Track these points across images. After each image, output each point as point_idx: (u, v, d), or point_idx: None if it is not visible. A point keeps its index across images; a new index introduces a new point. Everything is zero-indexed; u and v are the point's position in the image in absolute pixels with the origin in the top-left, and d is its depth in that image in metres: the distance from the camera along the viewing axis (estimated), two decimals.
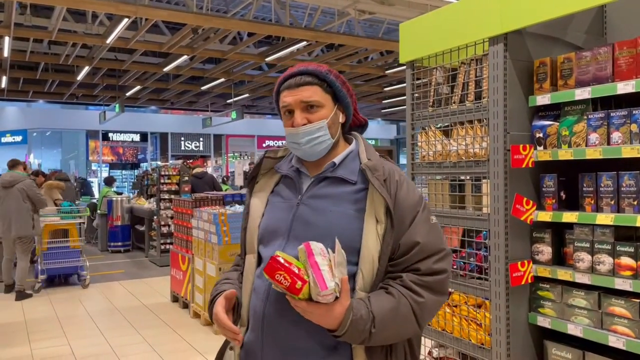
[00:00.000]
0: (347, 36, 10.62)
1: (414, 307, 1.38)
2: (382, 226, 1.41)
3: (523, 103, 2.48)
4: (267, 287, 1.45)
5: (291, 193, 1.55)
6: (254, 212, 1.60)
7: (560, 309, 2.36)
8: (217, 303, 1.50)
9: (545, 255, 2.43)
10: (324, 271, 1.27)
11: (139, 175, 14.04)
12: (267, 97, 19.27)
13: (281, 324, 1.42)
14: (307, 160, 1.55)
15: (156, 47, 11.32)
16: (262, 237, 1.55)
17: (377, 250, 1.40)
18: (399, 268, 1.42)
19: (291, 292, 1.27)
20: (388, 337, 1.39)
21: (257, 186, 1.64)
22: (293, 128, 1.49)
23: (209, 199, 6.42)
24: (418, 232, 1.43)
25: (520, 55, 2.47)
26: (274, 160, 1.64)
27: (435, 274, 1.42)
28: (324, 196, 1.48)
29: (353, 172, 1.50)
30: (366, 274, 1.40)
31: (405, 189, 1.47)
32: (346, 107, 1.57)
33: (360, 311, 1.33)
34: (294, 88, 1.49)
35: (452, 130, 2.73)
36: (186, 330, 5.54)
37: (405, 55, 3.01)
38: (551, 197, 2.40)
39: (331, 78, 1.51)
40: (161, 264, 9.17)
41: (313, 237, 1.37)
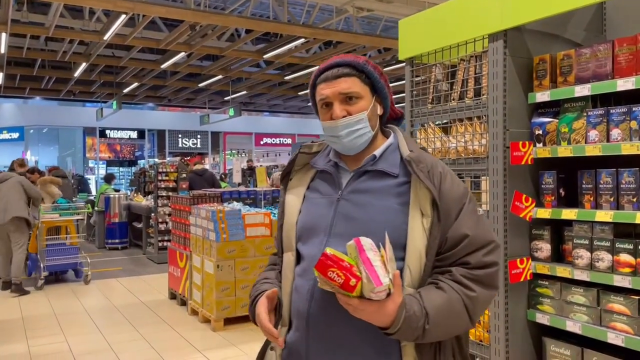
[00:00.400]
0: (345, 33, 10.62)
1: (466, 302, 1.33)
2: (428, 219, 1.36)
3: (522, 100, 2.48)
4: (311, 286, 1.40)
5: (330, 188, 1.50)
6: (290, 209, 1.55)
7: (559, 305, 2.36)
8: (259, 304, 1.46)
9: (544, 252, 2.43)
10: (376, 267, 1.22)
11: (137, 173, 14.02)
12: (264, 94, 19.27)
13: (327, 323, 1.38)
14: (346, 154, 1.51)
15: (154, 43, 11.30)
16: (300, 234, 1.50)
17: (424, 245, 1.36)
18: (447, 262, 1.38)
19: (345, 289, 1.22)
20: (441, 333, 1.35)
21: (292, 182, 1.59)
22: (332, 121, 1.45)
23: (207, 196, 6.41)
24: (466, 224, 1.38)
25: (519, 52, 2.47)
26: (308, 155, 1.59)
27: (485, 267, 1.37)
28: (366, 190, 1.43)
29: (394, 165, 1.45)
30: (414, 269, 1.36)
31: (449, 181, 1.42)
32: (384, 98, 1.52)
33: (413, 307, 1.28)
34: (332, 80, 1.44)
35: (451, 127, 2.72)
36: (184, 327, 5.53)
37: (404, 52, 3.00)
38: (550, 194, 2.40)
39: (369, 69, 1.47)
40: (159, 261, 9.16)
41: (356, 233, 1.32)
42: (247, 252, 5.52)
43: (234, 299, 5.45)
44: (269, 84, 17.52)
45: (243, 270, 5.50)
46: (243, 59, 13.60)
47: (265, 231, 5.64)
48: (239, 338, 5.14)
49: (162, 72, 15.39)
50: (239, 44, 11.75)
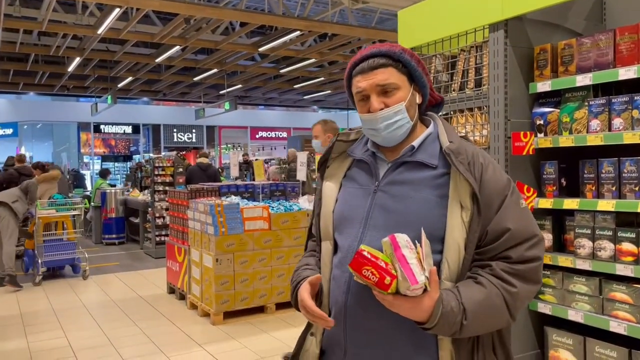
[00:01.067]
0: (341, 25, 10.58)
1: (506, 297, 1.30)
2: (467, 212, 1.32)
3: (523, 90, 2.48)
4: (348, 279, 1.39)
5: (367, 178, 1.47)
6: (327, 198, 1.53)
7: (560, 295, 2.37)
8: (302, 289, 1.44)
9: (546, 242, 2.43)
10: (412, 265, 1.19)
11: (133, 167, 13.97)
12: (260, 87, 19.21)
13: (364, 315, 1.37)
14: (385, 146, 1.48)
15: (148, 37, 11.23)
16: (337, 223, 1.49)
17: (463, 238, 1.32)
18: (487, 256, 1.34)
19: (379, 287, 1.21)
20: (479, 329, 1.32)
21: (329, 170, 1.57)
22: (370, 114, 1.41)
23: (204, 190, 6.39)
24: (508, 217, 1.33)
25: (520, 42, 2.46)
26: (346, 143, 1.56)
27: (527, 262, 1.33)
28: (403, 182, 1.40)
29: (433, 156, 1.41)
30: (452, 263, 1.32)
31: (491, 171, 1.37)
32: (422, 86, 1.47)
33: (450, 303, 1.26)
34: (368, 72, 1.41)
35: (451, 118, 2.72)
36: (183, 321, 5.53)
37: (403, 43, 2.98)
38: (552, 184, 2.40)
39: (406, 57, 1.42)
40: (156, 256, 9.15)
41: (393, 225, 1.31)
42: (246, 245, 5.51)
43: (233, 292, 5.45)
44: (264, 78, 17.47)
45: (242, 264, 5.50)
46: (238, 52, 13.54)
47: (263, 225, 5.64)
48: (238, 331, 5.15)
49: (157, 66, 15.31)
50: (234, 37, 11.70)
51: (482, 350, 1.35)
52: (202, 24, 10.78)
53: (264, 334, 5.09)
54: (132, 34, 11.06)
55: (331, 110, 26.36)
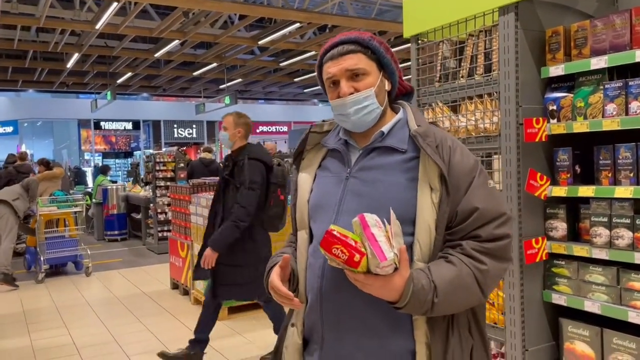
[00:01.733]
0: (341, 17, 10.48)
1: (476, 275, 1.34)
2: (437, 194, 1.36)
3: (535, 75, 2.40)
4: (322, 264, 1.42)
5: (340, 166, 1.51)
6: (302, 188, 1.56)
7: (576, 285, 2.30)
8: (272, 272, 1.48)
9: (560, 231, 2.36)
10: (381, 242, 1.22)
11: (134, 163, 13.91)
12: (260, 81, 19.11)
13: (339, 300, 1.40)
14: (355, 132, 1.51)
15: (146, 32, 11.13)
16: (312, 212, 1.52)
17: (433, 219, 1.36)
18: (457, 236, 1.37)
19: (349, 265, 1.23)
20: (451, 307, 1.35)
21: (304, 162, 1.61)
22: (340, 99, 1.45)
23: (206, 184, 6.33)
24: (476, 197, 1.37)
25: (531, 25, 2.38)
26: (319, 134, 1.60)
27: (497, 240, 1.37)
28: (374, 167, 1.44)
29: (402, 141, 1.45)
30: (423, 244, 1.36)
31: (459, 154, 1.41)
32: (391, 73, 1.51)
33: (421, 281, 1.28)
34: (337, 57, 1.44)
35: (460, 105, 2.64)
36: (188, 317, 5.48)
37: (409, 30, 2.91)
38: (566, 171, 2.33)
39: (374, 44, 1.46)
40: (159, 252, 9.10)
41: (364, 209, 1.32)
42: None
43: None
44: (264, 71, 17.36)
45: None
46: (237, 46, 13.44)
47: None
48: (243, 326, 5.10)
49: (156, 61, 15.21)
50: (233, 30, 11.59)
51: (457, 329, 1.39)
52: (200, 17, 10.67)
53: (269, 329, 5.01)
54: (131, 28, 10.96)
55: None
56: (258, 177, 3.74)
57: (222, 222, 3.80)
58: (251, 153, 3.83)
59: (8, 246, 7.09)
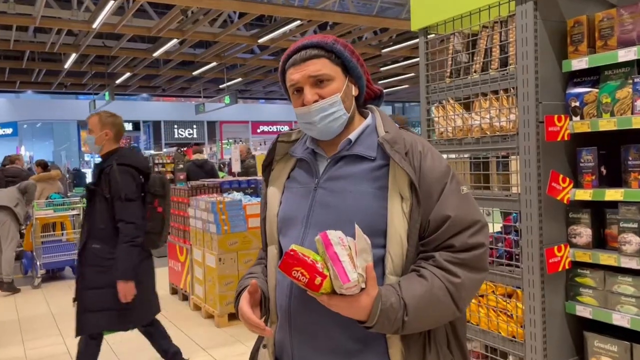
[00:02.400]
0: (343, 14, 10.29)
1: (449, 288, 1.27)
2: (407, 203, 1.30)
3: (555, 69, 2.22)
4: (290, 282, 1.35)
5: (308, 177, 1.44)
6: (271, 201, 1.50)
7: (602, 297, 2.12)
8: (241, 299, 1.41)
9: (584, 237, 2.19)
10: (344, 262, 1.16)
11: None
12: (260, 80, 18.94)
13: (308, 319, 1.34)
14: (322, 140, 1.44)
15: (145, 31, 10.96)
16: (281, 226, 1.46)
17: (404, 230, 1.29)
18: (430, 247, 1.31)
19: (310, 288, 1.17)
20: (423, 324, 1.29)
21: (273, 174, 1.53)
22: (304, 107, 1.38)
23: (205, 186, 6.16)
24: (448, 205, 1.31)
25: (551, 15, 2.20)
26: (287, 144, 1.52)
27: (471, 249, 1.30)
28: (342, 177, 1.37)
29: (371, 148, 1.38)
30: (395, 256, 1.29)
31: (429, 159, 1.35)
32: (358, 78, 1.44)
33: (390, 299, 1.22)
34: (300, 63, 1.37)
35: (473, 102, 2.46)
36: (187, 323, 5.32)
37: (417, 22, 2.73)
38: (590, 173, 2.15)
39: (338, 48, 1.39)
40: (158, 255, 8.88)
41: (333, 221, 1.28)
42: (250, 244, 5.28)
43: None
44: (265, 70, 17.18)
45: (246, 263, 5.27)
46: (237, 45, 13.26)
47: None
48: (244, 334, 4.92)
49: (155, 61, 15.05)
50: (232, 28, 11.41)
51: (435, 345, 1.33)
52: (199, 16, 10.49)
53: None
54: (129, 27, 10.79)
55: None
56: (132, 186, 3.25)
57: (87, 240, 3.38)
58: (120, 158, 3.27)
59: (11, 254, 6.96)
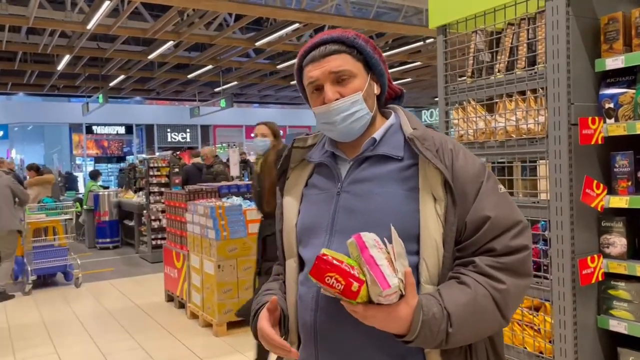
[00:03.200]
0: (341, 17, 10.18)
1: (494, 296, 1.16)
2: (441, 204, 1.20)
3: (588, 68, 2.09)
4: (315, 294, 1.25)
5: (329, 182, 1.34)
6: (288, 211, 1.40)
7: (639, 311, 1.99)
8: (260, 317, 1.30)
9: (618, 247, 2.05)
10: (382, 266, 1.05)
11: (126, 168, 13.54)
12: (255, 84, 18.80)
13: (337, 335, 1.23)
14: (343, 142, 1.34)
15: (140, 32, 10.78)
16: (301, 236, 1.35)
17: (439, 234, 1.19)
18: (469, 251, 1.20)
19: (346, 296, 1.05)
20: (469, 336, 1.17)
21: (289, 182, 1.43)
22: (324, 105, 1.28)
23: (203, 191, 6.00)
24: (486, 205, 1.21)
25: (583, 11, 2.07)
26: (303, 150, 1.43)
27: (514, 253, 1.20)
28: (368, 179, 1.27)
29: (397, 147, 1.29)
30: (430, 263, 1.19)
31: (462, 157, 1.25)
32: (380, 75, 1.35)
33: (431, 309, 1.11)
34: (320, 59, 1.28)
35: (497, 103, 2.33)
36: (184, 333, 5.14)
37: (435, 20, 2.60)
38: (626, 178, 2.02)
39: (361, 43, 1.30)
40: (153, 260, 8.75)
41: (361, 227, 1.16)
42: (250, 250, 5.12)
43: (237, 301, 5.06)
44: (261, 74, 17.03)
45: (246, 270, 5.11)
46: (233, 49, 13.10)
47: None
48: (243, 344, 4.75)
49: (149, 63, 14.85)
50: (228, 32, 11.26)
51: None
52: (194, 18, 10.33)
53: None
54: (123, 29, 10.60)
55: None
56: None
57: None
58: None
59: (9, 266, 6.81)
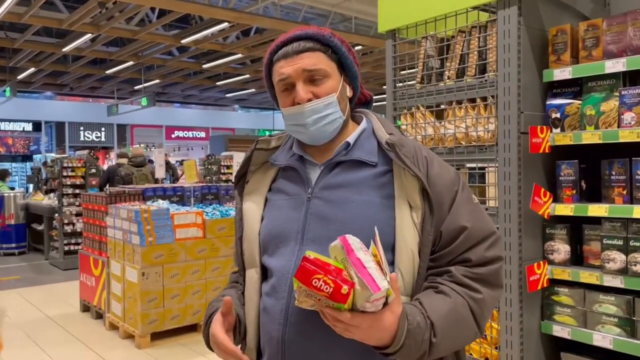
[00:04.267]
0: (272, 19, 10.06)
1: (472, 306, 1.14)
2: (418, 212, 1.16)
3: (536, 78, 2.14)
4: (284, 306, 1.18)
5: (297, 187, 1.26)
6: (250, 218, 1.31)
7: (582, 316, 2.04)
8: (213, 322, 1.22)
9: (562, 254, 2.11)
10: (370, 269, 0.99)
11: (36, 168, 12.61)
12: (179, 83, 18.21)
13: (308, 351, 1.15)
14: (313, 145, 1.27)
15: (55, 23, 10.08)
16: (266, 245, 1.27)
17: (415, 242, 1.15)
18: (444, 261, 1.17)
19: (335, 300, 0.98)
20: (449, 347, 1.14)
21: (249, 186, 1.35)
22: (297, 106, 1.21)
23: (126, 193, 5.65)
24: (462, 215, 1.18)
25: (533, 22, 2.12)
26: (266, 152, 1.35)
27: (488, 263, 1.18)
28: (341, 185, 1.21)
29: (372, 153, 1.23)
30: (406, 273, 1.15)
31: (437, 165, 1.22)
32: (353, 77, 1.29)
33: (415, 318, 1.06)
34: (293, 56, 1.21)
35: (446, 110, 2.33)
36: (103, 345, 4.79)
37: (385, 24, 2.57)
38: (571, 187, 2.08)
39: (336, 42, 1.24)
40: (65, 267, 8.15)
41: (334, 236, 1.07)
42: (177, 256, 4.87)
43: (162, 310, 4.79)
44: (184, 73, 16.51)
45: (172, 277, 4.85)
46: (155, 45, 12.59)
47: (197, 232, 5.02)
48: (169, 355, 4.50)
49: (63, 57, 13.95)
50: (151, 28, 10.79)
51: None
52: (115, 11, 9.81)
53: (198, 357, 4.49)
54: (37, 18, 9.86)
55: (252, 109, 25.65)
56: None
57: None
58: None
59: None
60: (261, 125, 24.29)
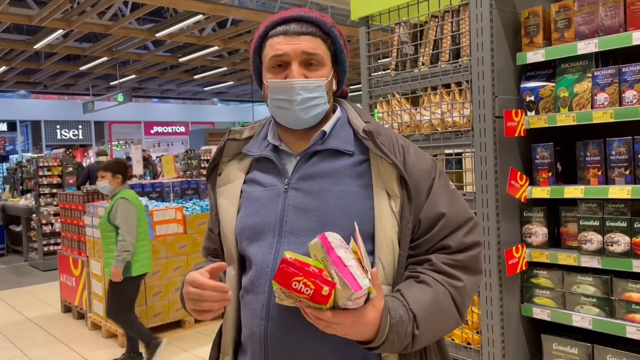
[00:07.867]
0: (248, 10, 9.94)
1: (453, 294, 1.13)
2: (396, 201, 1.15)
3: (509, 61, 2.13)
4: (265, 301, 1.15)
5: (273, 178, 1.23)
6: (224, 212, 1.27)
7: (561, 298, 2.06)
8: (192, 272, 1.17)
9: (540, 237, 2.11)
10: (351, 267, 0.98)
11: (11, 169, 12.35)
12: (155, 78, 17.96)
13: (291, 345, 1.14)
14: (289, 132, 1.24)
15: (25, 19, 9.84)
16: (242, 238, 1.23)
17: (395, 232, 1.14)
18: (423, 249, 1.17)
19: (316, 301, 0.97)
20: (431, 337, 1.14)
21: (222, 178, 1.32)
22: (287, 80, 1.18)
23: None
24: (440, 201, 1.18)
25: (505, 5, 2.11)
26: (239, 142, 1.32)
27: (468, 249, 1.17)
28: (319, 174, 1.19)
29: (348, 141, 1.22)
30: (386, 262, 1.14)
31: (413, 153, 1.21)
32: (342, 72, 1.29)
33: (398, 311, 1.06)
34: (294, 35, 1.19)
35: (422, 97, 2.32)
36: (85, 346, 4.73)
37: (358, 11, 2.54)
38: (546, 169, 2.08)
39: (336, 34, 1.23)
40: (45, 268, 8.03)
41: (315, 227, 1.11)
42: (158, 253, 4.82)
43: (145, 308, 4.74)
44: (161, 67, 16.27)
45: (154, 274, 4.80)
46: (130, 40, 12.37)
47: (177, 228, 4.97)
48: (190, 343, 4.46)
49: (35, 54, 13.65)
50: (125, 21, 10.60)
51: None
52: (86, 6, 9.60)
53: (183, 353, 4.46)
54: (5, 15, 9.62)
55: (232, 102, 25.44)
56: None
57: None
58: None
59: None
60: (241, 118, 24.10)
